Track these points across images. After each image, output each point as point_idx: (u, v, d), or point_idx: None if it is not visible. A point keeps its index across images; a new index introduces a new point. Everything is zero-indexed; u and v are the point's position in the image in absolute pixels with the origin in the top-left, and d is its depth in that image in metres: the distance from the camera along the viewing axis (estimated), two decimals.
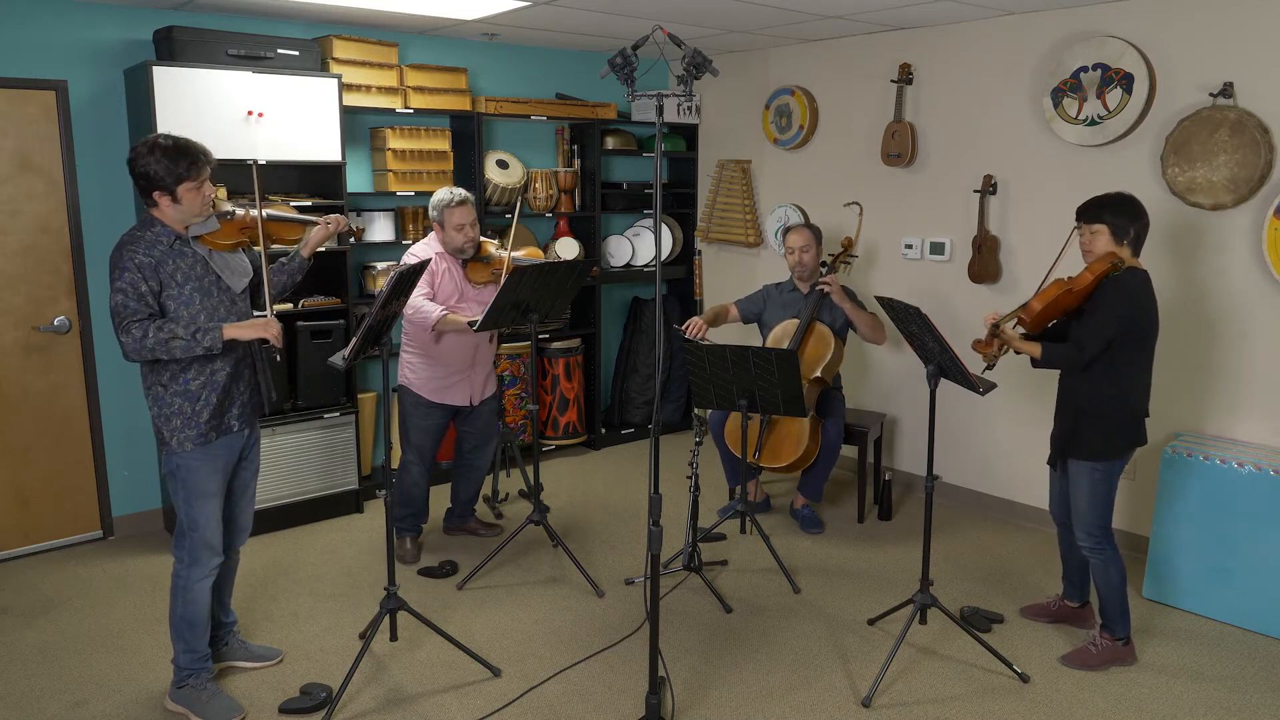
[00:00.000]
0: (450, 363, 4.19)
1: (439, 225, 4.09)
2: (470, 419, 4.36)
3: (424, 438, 4.26)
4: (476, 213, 4.13)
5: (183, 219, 2.95)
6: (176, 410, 2.96)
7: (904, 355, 5.24)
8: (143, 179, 2.87)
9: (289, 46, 4.50)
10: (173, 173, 2.86)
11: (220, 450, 3.05)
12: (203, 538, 3.05)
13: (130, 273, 2.84)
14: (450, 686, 3.28)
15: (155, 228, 2.92)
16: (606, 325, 6.35)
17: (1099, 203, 3.28)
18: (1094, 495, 3.31)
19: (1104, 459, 3.28)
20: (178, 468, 3.00)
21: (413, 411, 4.23)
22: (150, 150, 2.86)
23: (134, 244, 2.88)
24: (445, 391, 4.22)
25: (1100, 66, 4.24)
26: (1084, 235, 3.30)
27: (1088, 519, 3.33)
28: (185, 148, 2.90)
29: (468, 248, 4.11)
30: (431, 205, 4.09)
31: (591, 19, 4.79)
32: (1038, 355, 3.24)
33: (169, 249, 2.91)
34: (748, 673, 3.38)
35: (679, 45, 2.82)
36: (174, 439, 2.97)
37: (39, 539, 4.45)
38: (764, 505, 5.00)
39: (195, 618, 3.08)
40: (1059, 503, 3.57)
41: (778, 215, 5.83)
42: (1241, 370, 4.03)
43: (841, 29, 5.08)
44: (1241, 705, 3.20)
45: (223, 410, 3.03)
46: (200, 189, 2.93)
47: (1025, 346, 3.25)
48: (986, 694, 3.26)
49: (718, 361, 3.91)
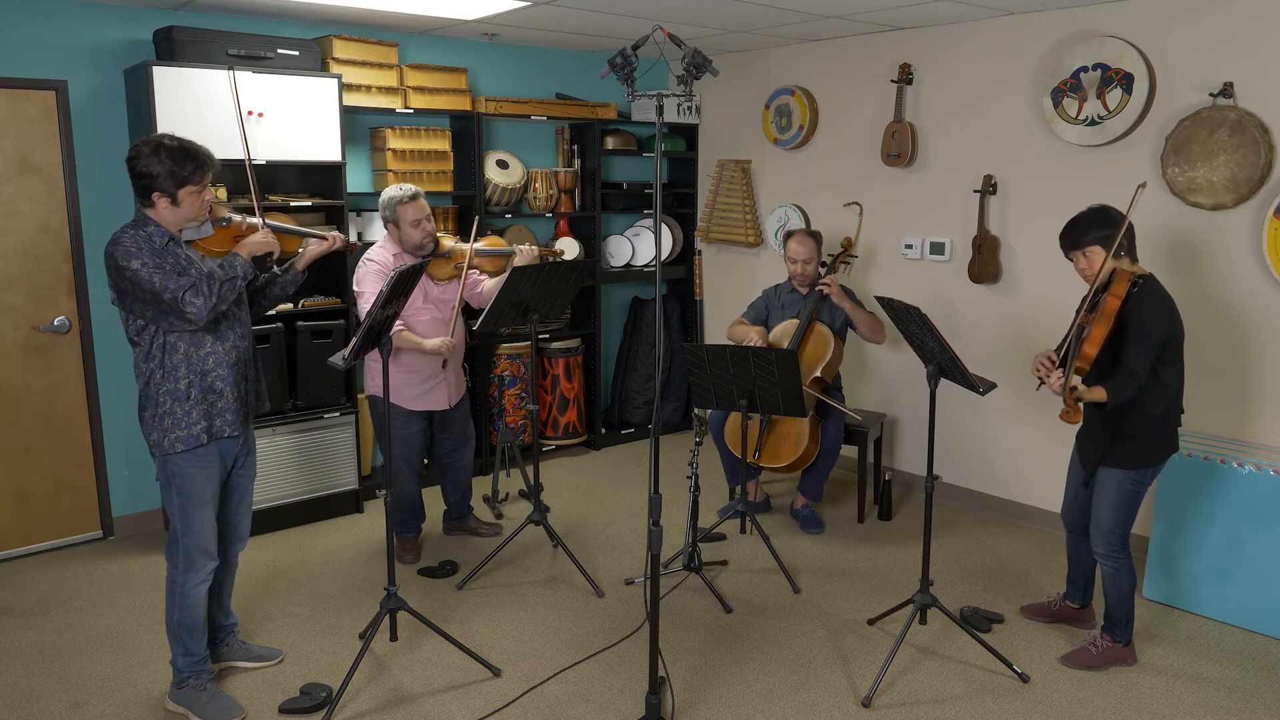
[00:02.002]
0: (423, 369, 4.12)
1: (393, 224, 3.98)
2: (445, 424, 4.33)
3: (407, 447, 4.20)
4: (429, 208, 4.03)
5: (178, 222, 2.91)
6: (167, 410, 2.91)
7: (904, 355, 5.24)
8: (143, 178, 2.82)
9: (289, 46, 4.50)
10: (176, 175, 2.81)
11: (214, 455, 3.01)
12: (197, 544, 3.01)
13: (142, 256, 2.77)
14: (450, 686, 3.28)
15: (149, 227, 2.87)
16: (606, 325, 6.35)
17: (1078, 224, 3.19)
18: (1120, 505, 3.26)
19: (1142, 467, 3.23)
20: (173, 474, 2.96)
21: (394, 422, 4.14)
22: (155, 150, 2.81)
23: (128, 238, 2.81)
24: (423, 398, 4.17)
25: (1100, 66, 4.24)
26: (1079, 262, 3.21)
27: (1110, 529, 3.29)
28: (191, 150, 2.85)
29: (426, 243, 4.00)
30: (382, 205, 3.99)
31: (591, 19, 4.79)
32: (1105, 399, 3.09)
33: (162, 248, 2.86)
34: (748, 673, 3.38)
35: (679, 45, 2.82)
36: (165, 439, 2.92)
37: (39, 539, 4.45)
38: (764, 505, 5.00)
39: (192, 622, 3.06)
40: (1075, 509, 3.53)
41: (778, 215, 5.83)
42: (1242, 370, 4.03)
43: (841, 29, 5.08)
44: (1242, 706, 3.20)
45: (212, 414, 2.97)
46: (201, 194, 2.89)
47: (1094, 395, 3.10)
48: (986, 694, 3.26)
49: (718, 361, 3.91)
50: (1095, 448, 3.30)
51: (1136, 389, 3.08)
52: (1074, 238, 3.19)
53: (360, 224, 5.04)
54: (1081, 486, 3.44)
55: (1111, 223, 3.14)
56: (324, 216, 4.83)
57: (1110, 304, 3.04)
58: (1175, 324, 3.15)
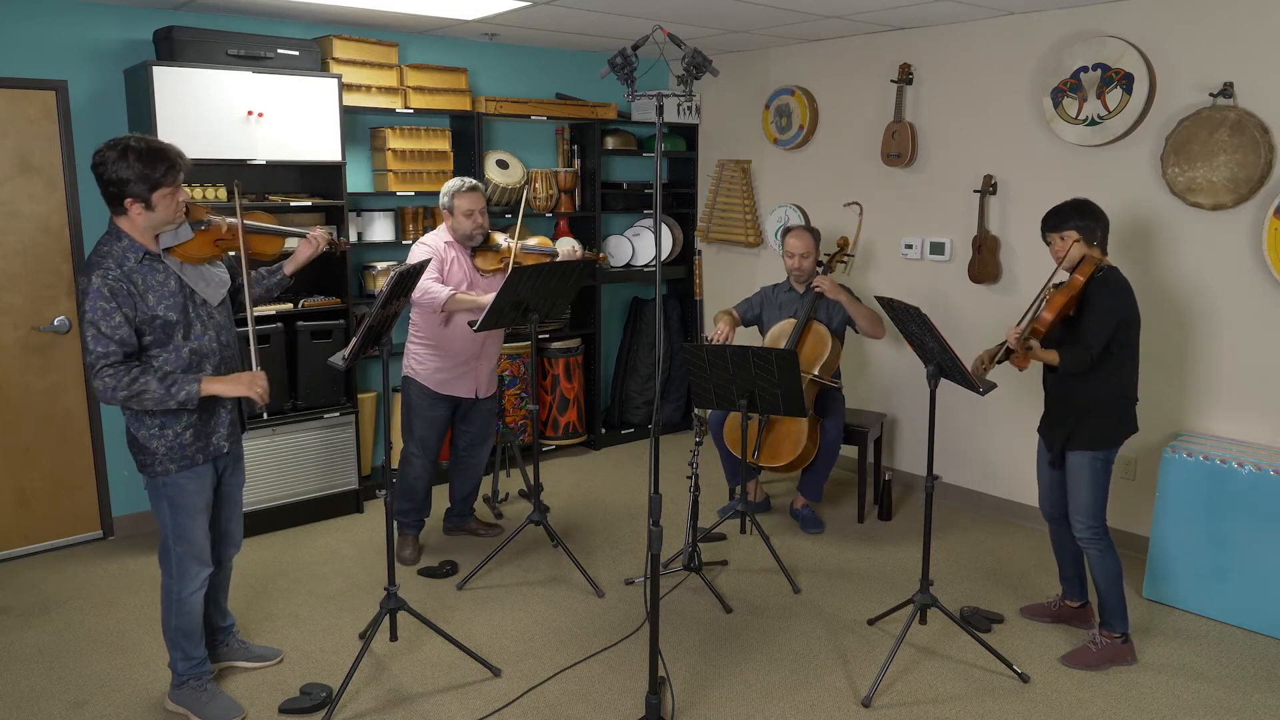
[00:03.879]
0: (458, 353, 4.19)
1: (448, 212, 4.12)
2: (469, 417, 4.36)
3: (428, 430, 4.26)
4: (486, 203, 4.16)
5: (154, 228, 2.76)
6: (156, 433, 2.81)
7: (904, 355, 5.24)
8: (113, 185, 2.66)
9: (289, 46, 4.50)
10: (149, 178, 2.66)
11: (207, 469, 2.95)
12: (191, 552, 2.96)
13: (101, 300, 2.63)
14: (450, 686, 3.28)
15: (122, 242, 2.72)
16: (606, 325, 6.35)
17: (1062, 211, 3.39)
18: (1095, 485, 3.38)
19: (1105, 447, 3.37)
20: (164, 486, 2.88)
21: (418, 403, 4.23)
22: (122, 154, 2.64)
23: (101, 263, 2.67)
24: (451, 383, 4.22)
25: (1100, 66, 4.24)
26: (1055, 244, 3.41)
27: (1089, 509, 3.38)
28: (160, 150, 2.69)
29: (476, 235, 4.14)
30: (442, 193, 4.13)
31: (591, 19, 4.79)
32: (1057, 362, 3.34)
33: (138, 264, 2.73)
34: (748, 673, 3.38)
35: (679, 45, 2.82)
36: (155, 463, 2.83)
37: (39, 539, 4.45)
38: (764, 505, 5.00)
39: (189, 628, 3.04)
40: (1051, 499, 3.60)
41: (778, 215, 5.83)
42: (1242, 370, 4.03)
43: (841, 29, 5.08)
44: (1241, 705, 3.20)
45: (207, 432, 2.91)
46: (175, 195, 2.74)
47: (1047, 356, 3.36)
48: (986, 694, 3.26)
49: (718, 361, 3.92)
50: (1060, 429, 3.46)
51: (1089, 362, 3.30)
52: (1055, 222, 3.41)
53: (360, 224, 5.04)
54: (1050, 468, 3.56)
55: (1092, 215, 3.37)
56: (324, 216, 4.84)
57: (1074, 281, 3.31)
58: (1132, 310, 3.34)
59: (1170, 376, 4.21)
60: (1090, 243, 3.34)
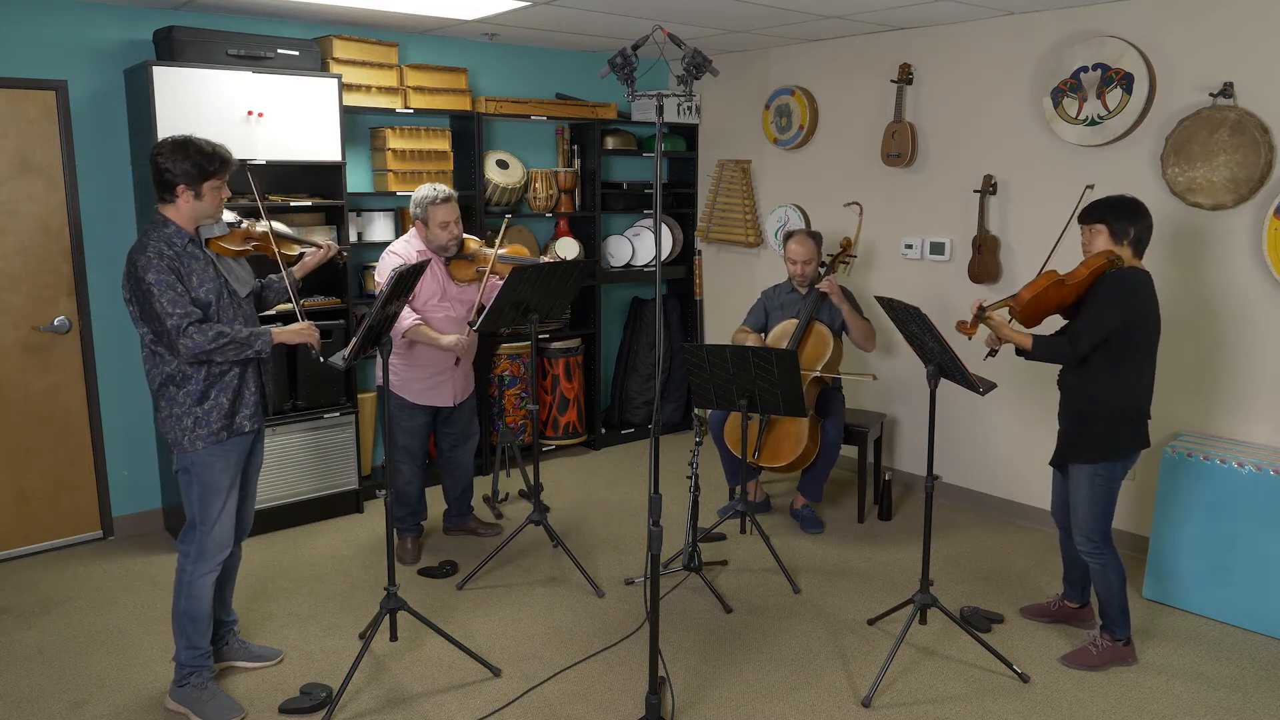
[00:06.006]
0: (433, 364, 4.16)
1: (421, 223, 4.05)
2: (450, 419, 4.36)
3: (410, 439, 4.24)
4: (460, 211, 4.10)
5: (197, 218, 2.97)
6: (187, 411, 2.97)
7: (904, 355, 5.24)
8: (167, 173, 2.89)
9: (289, 46, 4.50)
10: (203, 169, 2.90)
11: (233, 447, 3.07)
12: (213, 533, 3.07)
13: (164, 273, 2.84)
14: (450, 686, 3.28)
15: (169, 227, 2.93)
16: (606, 325, 6.35)
17: (1099, 204, 3.31)
18: (1094, 500, 3.30)
19: (1105, 460, 3.27)
20: (192, 464, 3.02)
21: (397, 415, 4.19)
22: (182, 146, 2.90)
23: (153, 244, 2.87)
24: (429, 393, 4.20)
25: (1100, 66, 4.24)
26: (1085, 236, 3.34)
27: (1087, 524, 3.32)
28: (215, 147, 2.97)
29: (451, 245, 4.07)
30: (414, 202, 4.04)
31: (591, 19, 4.79)
32: (1028, 345, 3.26)
33: (184, 249, 2.92)
34: (748, 673, 3.38)
35: (679, 45, 2.82)
36: (185, 439, 2.98)
37: (39, 539, 4.45)
38: (764, 505, 5.00)
39: (198, 613, 3.09)
40: (1061, 505, 3.56)
41: (778, 215, 5.83)
42: (1242, 370, 4.03)
43: (841, 29, 5.08)
44: (1242, 706, 3.20)
45: (234, 411, 3.04)
46: (222, 190, 2.98)
47: (1014, 335, 3.28)
48: (986, 694, 3.26)
49: (718, 361, 3.92)
50: (1062, 435, 3.40)
51: (1070, 356, 3.21)
52: (1093, 214, 3.30)
53: (360, 224, 5.04)
54: (1059, 473, 3.50)
55: (1129, 215, 3.25)
56: (324, 216, 4.84)
57: (1076, 271, 3.21)
58: (1143, 316, 3.20)
59: (1171, 376, 4.20)
60: (1119, 240, 3.24)
